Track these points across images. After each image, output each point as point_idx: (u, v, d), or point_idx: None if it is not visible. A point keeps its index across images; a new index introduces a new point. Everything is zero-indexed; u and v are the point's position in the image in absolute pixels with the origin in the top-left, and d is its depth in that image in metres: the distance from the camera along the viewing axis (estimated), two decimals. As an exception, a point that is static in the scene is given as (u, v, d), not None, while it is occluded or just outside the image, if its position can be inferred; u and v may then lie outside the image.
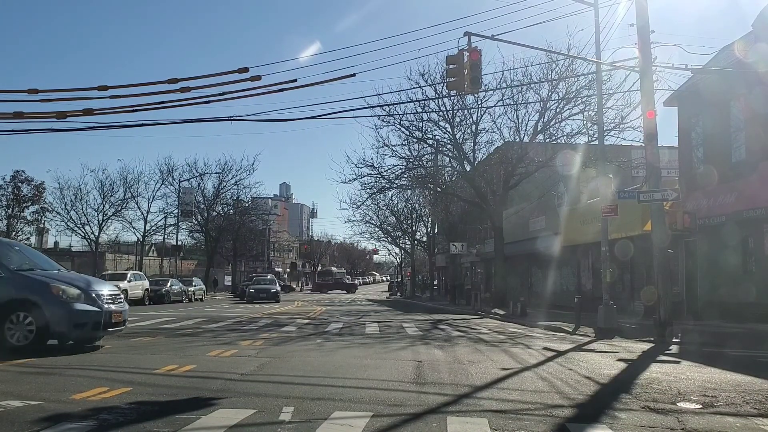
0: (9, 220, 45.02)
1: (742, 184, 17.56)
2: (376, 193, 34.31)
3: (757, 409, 6.24)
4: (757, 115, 17.33)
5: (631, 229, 20.51)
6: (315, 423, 5.22)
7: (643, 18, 14.29)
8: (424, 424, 5.32)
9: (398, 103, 26.21)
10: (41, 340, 9.60)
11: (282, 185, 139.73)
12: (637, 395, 6.85)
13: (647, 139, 14.54)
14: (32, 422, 5.05)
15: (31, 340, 9.50)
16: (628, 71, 19.80)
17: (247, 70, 12.53)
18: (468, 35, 13.78)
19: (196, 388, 6.89)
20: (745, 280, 17.85)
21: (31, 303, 9.62)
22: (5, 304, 9.58)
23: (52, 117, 13.21)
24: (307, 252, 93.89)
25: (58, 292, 9.79)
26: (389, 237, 57.98)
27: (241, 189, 53.81)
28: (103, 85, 12.78)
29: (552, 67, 24.91)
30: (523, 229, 32.80)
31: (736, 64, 17.93)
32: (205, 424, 5.18)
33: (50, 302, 9.64)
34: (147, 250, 57.60)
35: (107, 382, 7.03)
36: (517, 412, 5.96)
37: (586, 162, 24.60)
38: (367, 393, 6.70)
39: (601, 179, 17.32)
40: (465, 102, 27.57)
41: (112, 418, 5.26)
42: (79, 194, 47.54)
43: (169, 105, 13.04)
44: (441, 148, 29.97)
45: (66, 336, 10.02)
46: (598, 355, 10.95)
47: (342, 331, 15.37)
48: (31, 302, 9.62)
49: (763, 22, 18.11)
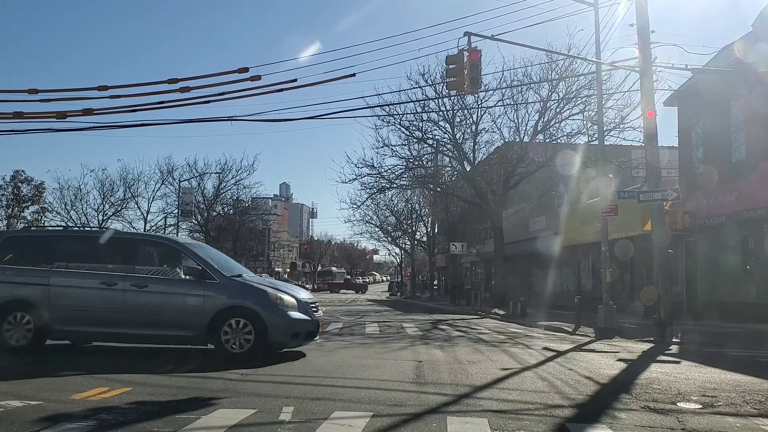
0: (9, 220, 44.99)
1: (742, 184, 17.56)
2: (376, 193, 34.32)
3: (757, 409, 6.25)
4: (757, 115, 17.33)
5: (631, 229, 20.51)
6: (315, 423, 5.22)
7: (643, 18, 14.28)
8: (424, 424, 5.32)
9: (398, 103, 26.24)
10: (258, 349, 9.21)
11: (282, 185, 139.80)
12: (637, 395, 6.85)
13: (647, 139, 14.53)
14: (32, 422, 5.05)
15: (248, 349, 9.15)
16: (628, 71, 19.82)
17: (247, 70, 12.52)
18: (468, 35, 13.78)
19: (196, 388, 6.89)
20: (745, 280, 17.85)
21: (248, 310, 9.30)
22: (222, 312, 9.30)
23: (52, 117, 13.19)
24: (307, 252, 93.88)
25: (276, 300, 9.45)
26: (389, 237, 57.98)
27: (241, 189, 53.76)
28: (103, 85, 12.76)
29: (552, 67, 24.93)
30: (523, 229, 32.80)
31: (736, 64, 17.93)
32: (205, 424, 5.18)
33: (269, 310, 9.31)
34: (147, 250, 57.47)
35: (107, 382, 7.02)
36: (517, 412, 5.96)
37: (586, 162, 24.60)
38: (367, 393, 6.70)
39: (601, 179, 17.32)
40: (465, 102, 27.59)
41: (112, 418, 5.26)
42: (79, 194, 47.55)
43: (169, 105, 13.02)
44: (441, 148, 29.97)
45: (283, 345, 9.72)
46: (598, 355, 10.95)
47: (342, 331, 15.36)
48: (248, 310, 9.30)
49: (763, 22, 18.11)
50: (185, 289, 9.61)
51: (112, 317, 9.48)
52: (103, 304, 9.52)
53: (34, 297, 9.53)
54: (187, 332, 9.45)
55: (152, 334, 9.58)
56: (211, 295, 9.43)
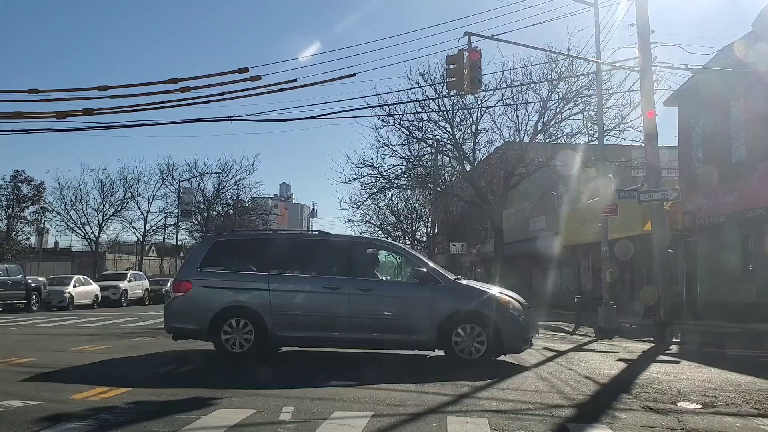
0: (9, 220, 44.99)
1: (742, 184, 17.56)
2: (376, 193, 34.24)
3: (757, 409, 6.25)
4: (757, 115, 17.32)
5: (631, 229, 20.50)
6: (315, 423, 5.22)
7: (643, 18, 14.28)
8: (424, 424, 5.32)
9: (398, 103, 26.17)
10: (492, 355, 8.96)
11: (282, 185, 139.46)
12: (637, 395, 6.85)
13: (647, 139, 14.53)
14: (32, 422, 5.05)
15: (482, 355, 8.85)
16: (628, 71, 19.77)
17: (247, 70, 12.52)
18: (468, 35, 13.77)
19: (196, 388, 6.89)
20: (745, 280, 17.84)
21: (479, 315, 8.97)
22: (452, 316, 8.98)
23: (52, 117, 13.19)
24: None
25: (506, 305, 9.17)
26: (389, 237, 57.95)
27: (241, 189, 53.81)
28: (103, 85, 12.76)
29: (552, 67, 24.86)
30: (523, 229, 32.81)
31: (736, 64, 17.93)
32: (205, 424, 5.18)
33: (501, 315, 8.99)
34: (147, 250, 57.59)
35: (107, 382, 7.02)
36: (517, 412, 5.96)
37: (586, 162, 24.58)
38: (367, 393, 6.69)
39: (601, 179, 17.31)
40: (465, 102, 27.50)
41: (112, 418, 5.26)
42: (79, 194, 47.56)
43: (169, 105, 13.03)
44: (441, 148, 29.93)
45: (516, 351, 9.39)
46: (598, 355, 10.95)
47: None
48: (479, 314, 8.97)
49: (763, 22, 18.11)
50: (412, 293, 9.30)
51: (336, 322, 9.16)
52: (327, 308, 9.21)
53: (255, 302, 9.22)
54: (415, 336, 9.04)
55: (378, 338, 9.20)
56: (439, 299, 9.12)
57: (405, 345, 9.39)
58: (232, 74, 12.58)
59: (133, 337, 12.80)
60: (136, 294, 31.17)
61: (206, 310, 9.20)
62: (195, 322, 9.30)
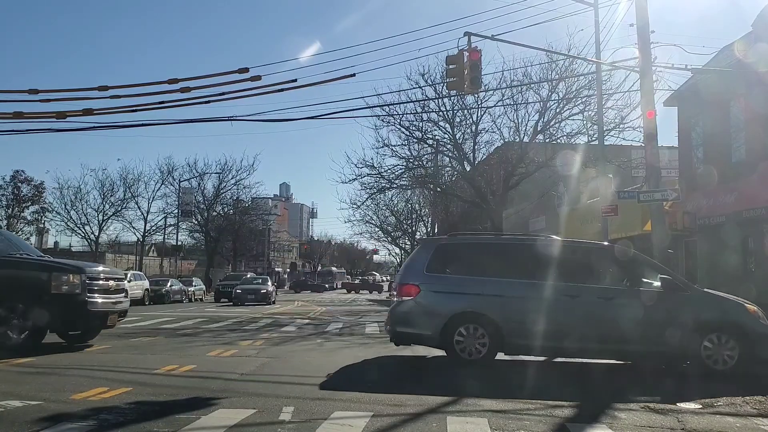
0: (9, 220, 45.02)
1: (742, 184, 17.56)
2: (376, 193, 34.28)
3: (757, 409, 6.25)
4: (757, 115, 17.32)
5: (631, 229, 20.50)
6: (315, 423, 5.22)
7: (643, 18, 14.27)
8: (424, 423, 5.32)
9: (398, 103, 26.20)
10: (742, 366, 8.42)
11: (282, 185, 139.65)
12: (637, 395, 6.85)
13: (647, 139, 14.53)
14: (32, 422, 5.05)
15: (731, 366, 8.37)
16: (628, 71, 19.80)
17: (247, 71, 12.53)
18: (468, 35, 13.78)
19: (196, 388, 6.88)
20: (745, 280, 17.82)
21: (735, 325, 8.56)
22: (702, 326, 8.51)
23: (52, 117, 13.21)
24: (307, 252, 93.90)
25: (755, 314, 8.71)
26: (389, 237, 58.02)
27: (241, 189, 53.95)
28: (103, 85, 12.77)
29: (552, 67, 24.89)
30: (523, 229, 32.77)
31: (736, 64, 17.93)
32: (205, 424, 5.18)
33: (754, 325, 8.56)
34: (147, 250, 57.63)
35: (107, 382, 7.02)
36: (517, 412, 5.96)
37: (586, 162, 24.59)
38: (367, 393, 6.69)
39: (601, 179, 17.33)
40: (465, 102, 27.53)
41: (112, 418, 5.26)
42: (79, 194, 47.68)
43: (169, 105, 13.04)
44: (441, 148, 29.95)
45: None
46: (598, 355, 10.93)
47: (342, 331, 15.37)
48: (735, 324, 8.56)
49: (763, 22, 18.11)
50: (659, 302, 8.66)
51: (574, 331, 8.67)
52: (565, 316, 8.71)
53: (489, 309, 8.85)
54: (662, 348, 8.51)
55: (620, 349, 8.72)
56: (687, 308, 8.63)
57: (649, 357, 8.85)
58: (232, 74, 12.61)
59: (133, 337, 12.80)
60: (136, 294, 31.09)
61: (438, 315, 8.90)
62: (424, 327, 9.03)
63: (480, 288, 9.02)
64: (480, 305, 8.91)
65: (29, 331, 9.80)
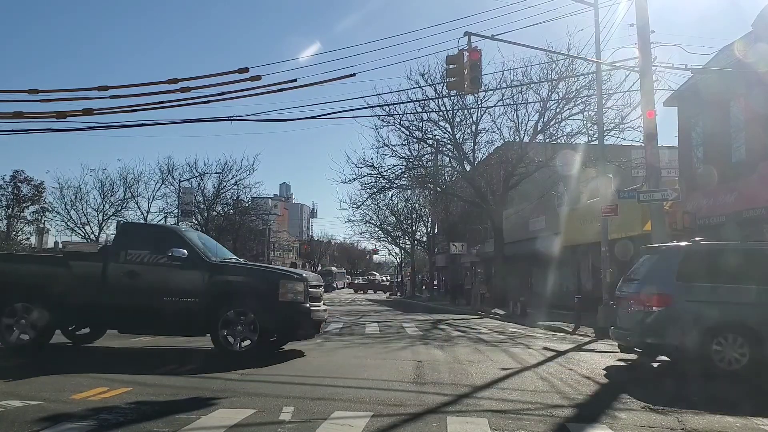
0: (9, 220, 44.99)
1: (742, 184, 17.56)
2: (376, 193, 34.33)
3: (757, 409, 6.25)
4: (757, 115, 17.32)
5: (631, 229, 20.50)
6: (315, 423, 5.22)
7: (643, 18, 14.28)
8: (424, 424, 5.32)
9: (398, 103, 26.24)
10: None
11: (282, 185, 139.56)
12: (637, 395, 6.85)
13: (647, 139, 14.54)
14: (32, 422, 5.05)
15: None
16: (628, 71, 19.82)
17: (247, 70, 12.52)
18: (468, 35, 13.77)
19: (196, 388, 6.88)
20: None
21: None
22: None
23: (52, 117, 13.19)
24: (307, 252, 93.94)
25: None
26: (389, 237, 58.01)
27: (241, 189, 53.80)
28: (103, 85, 12.75)
29: (552, 67, 24.92)
30: (523, 229, 32.78)
31: (736, 64, 17.92)
32: (205, 424, 5.18)
33: None
34: (147, 250, 57.47)
35: (107, 382, 7.02)
36: (517, 412, 5.96)
37: (586, 162, 24.59)
38: (367, 393, 6.70)
39: (601, 179, 17.31)
40: (465, 102, 27.59)
41: (112, 418, 5.26)
42: (79, 194, 47.59)
43: (169, 105, 13.02)
44: (441, 148, 29.98)
45: None
46: (598, 355, 10.96)
47: (342, 331, 15.36)
48: None
49: (763, 22, 18.10)
50: None
51: None
52: None
53: (747, 317, 8.61)
54: None
55: None
56: None
57: None
58: (232, 74, 12.59)
59: (133, 337, 12.79)
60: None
61: (694, 325, 8.62)
62: (676, 338, 8.75)
63: (736, 296, 8.76)
64: (738, 314, 8.67)
65: (253, 341, 9.48)
